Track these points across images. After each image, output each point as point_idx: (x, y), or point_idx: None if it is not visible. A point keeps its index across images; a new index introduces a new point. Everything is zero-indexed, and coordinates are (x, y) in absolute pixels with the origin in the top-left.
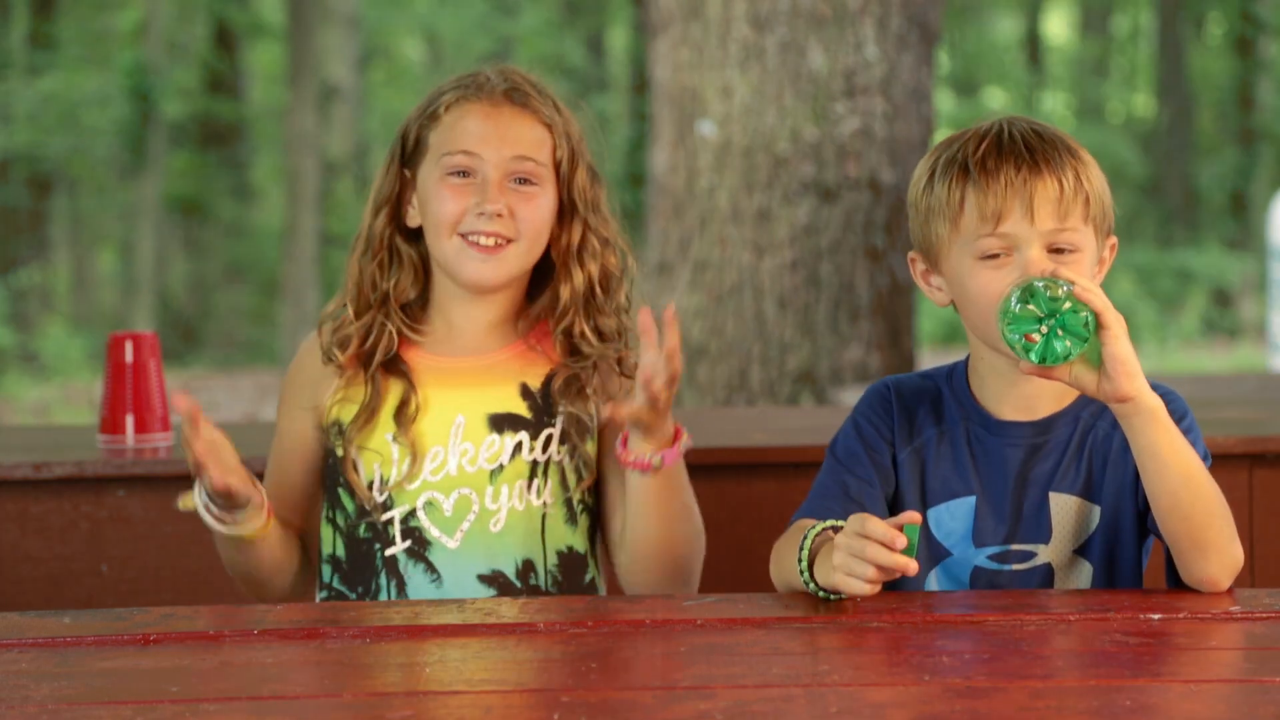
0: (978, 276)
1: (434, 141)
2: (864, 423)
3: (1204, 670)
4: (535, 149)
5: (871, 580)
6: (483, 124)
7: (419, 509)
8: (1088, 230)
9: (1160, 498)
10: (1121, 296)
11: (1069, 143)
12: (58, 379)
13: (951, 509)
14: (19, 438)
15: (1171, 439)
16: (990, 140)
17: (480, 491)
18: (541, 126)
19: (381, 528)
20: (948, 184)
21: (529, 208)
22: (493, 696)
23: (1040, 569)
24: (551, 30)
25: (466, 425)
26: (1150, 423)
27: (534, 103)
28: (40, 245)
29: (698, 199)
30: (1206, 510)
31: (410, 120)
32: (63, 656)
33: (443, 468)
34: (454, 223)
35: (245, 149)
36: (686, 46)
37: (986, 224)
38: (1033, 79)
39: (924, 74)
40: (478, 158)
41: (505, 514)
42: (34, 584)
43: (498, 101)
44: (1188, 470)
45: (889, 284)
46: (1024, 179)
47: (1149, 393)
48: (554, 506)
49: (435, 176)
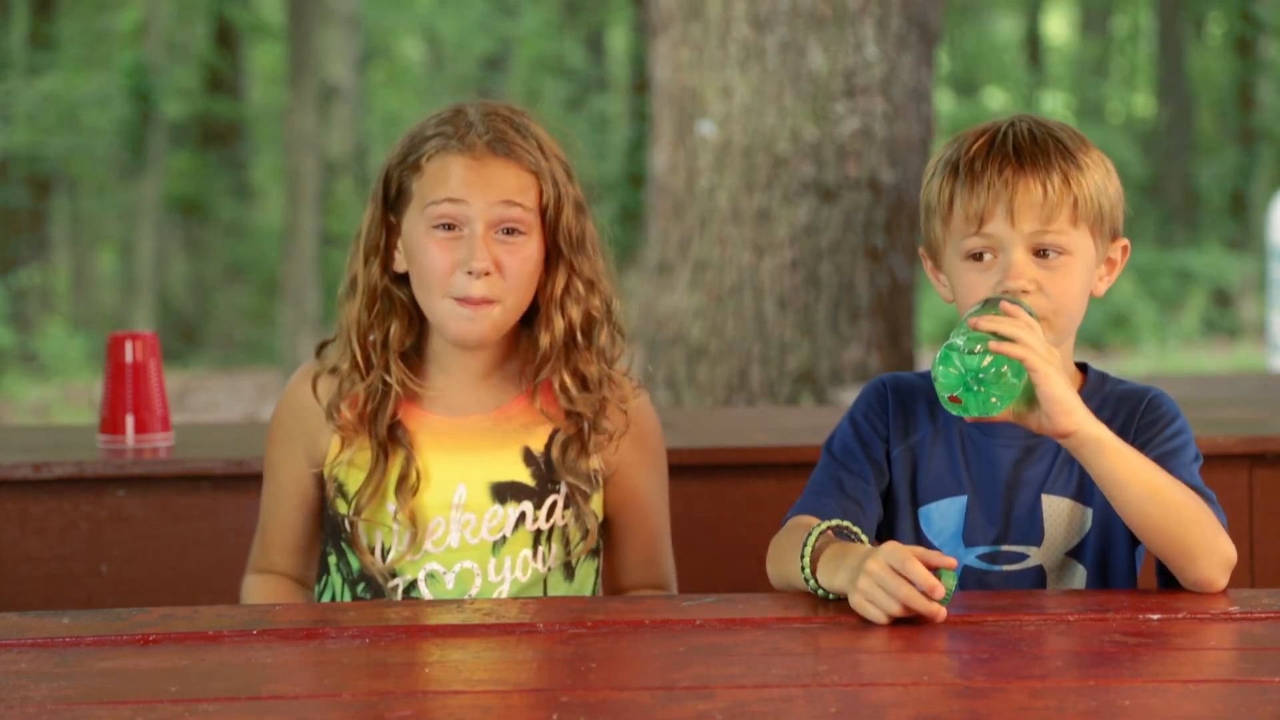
0: (964, 276)
1: (417, 190)
2: (860, 419)
3: (1202, 670)
4: (520, 196)
5: (893, 615)
6: (466, 173)
7: (420, 580)
8: (1078, 233)
9: (1132, 518)
10: (1121, 297)
11: (1067, 144)
12: (58, 379)
13: (942, 508)
14: (19, 438)
15: (1125, 462)
16: (983, 141)
17: (483, 564)
18: (526, 174)
19: (385, 592)
20: (940, 183)
21: (516, 260)
22: (493, 696)
23: (1031, 571)
24: (551, 30)
25: (468, 495)
26: (1098, 452)
27: (518, 150)
28: (40, 245)
29: (698, 199)
30: (1180, 520)
31: (391, 165)
32: (62, 656)
33: (444, 539)
34: (443, 283)
35: (245, 149)
36: (686, 46)
37: (971, 224)
38: (1033, 79)
39: (924, 74)
40: (464, 205)
41: (508, 585)
42: (34, 584)
43: (480, 154)
44: (1150, 487)
45: (889, 284)
46: (1006, 181)
47: (1091, 424)
48: (555, 570)
49: (421, 229)
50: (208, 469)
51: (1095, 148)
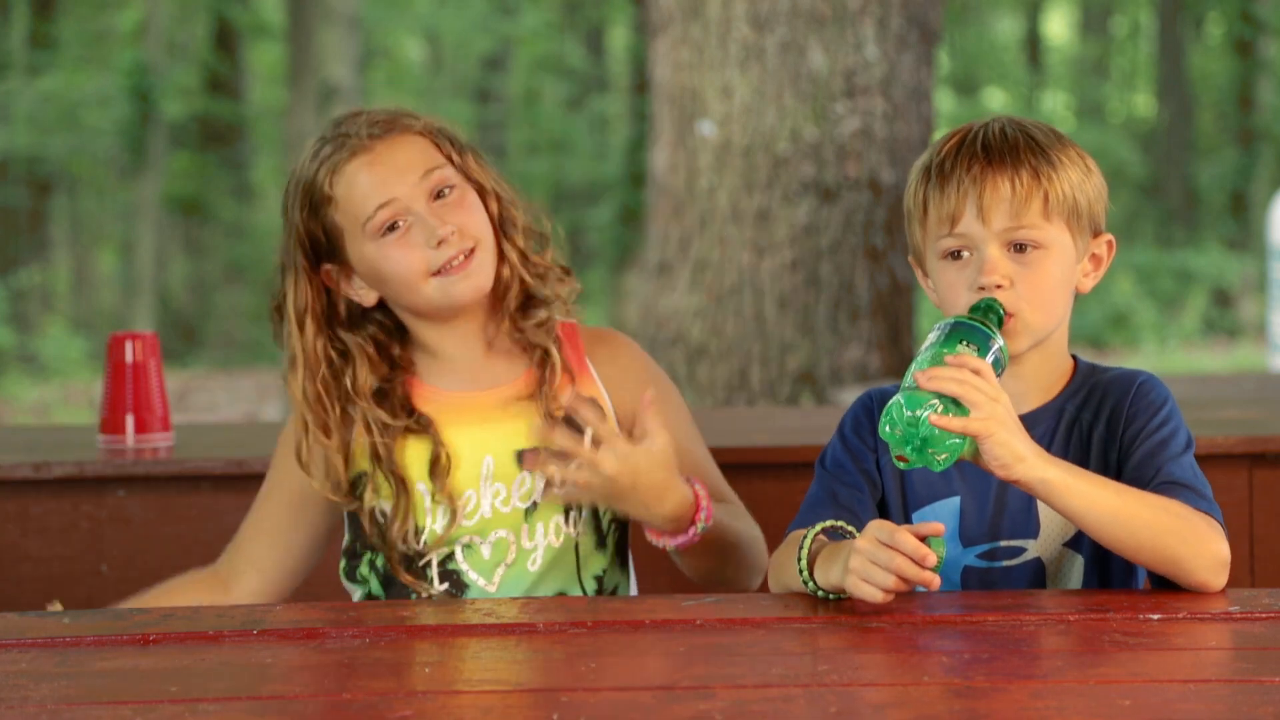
0: (944, 275)
1: (342, 220)
2: (849, 434)
3: (1202, 670)
4: (430, 159)
5: (889, 590)
6: (374, 171)
7: (458, 552)
8: (1053, 227)
9: (1108, 543)
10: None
11: (1040, 140)
12: (58, 379)
13: (936, 511)
14: (19, 438)
15: (1079, 495)
16: (954, 142)
17: (516, 531)
18: (418, 137)
19: (419, 571)
20: (915, 186)
21: (464, 211)
22: (493, 696)
23: (1030, 564)
24: (551, 30)
25: (496, 465)
26: (1050, 493)
27: (398, 123)
28: (40, 245)
29: (698, 199)
30: (1152, 535)
31: (298, 223)
32: (63, 656)
33: (476, 510)
34: (422, 267)
35: (245, 149)
36: (686, 46)
37: (944, 225)
38: (1033, 79)
39: (924, 74)
40: (394, 202)
41: (542, 552)
42: (34, 584)
43: (370, 145)
44: (1111, 512)
45: (889, 284)
46: (974, 179)
47: (1037, 467)
48: (585, 533)
49: (372, 246)
50: (208, 469)
51: (1075, 145)
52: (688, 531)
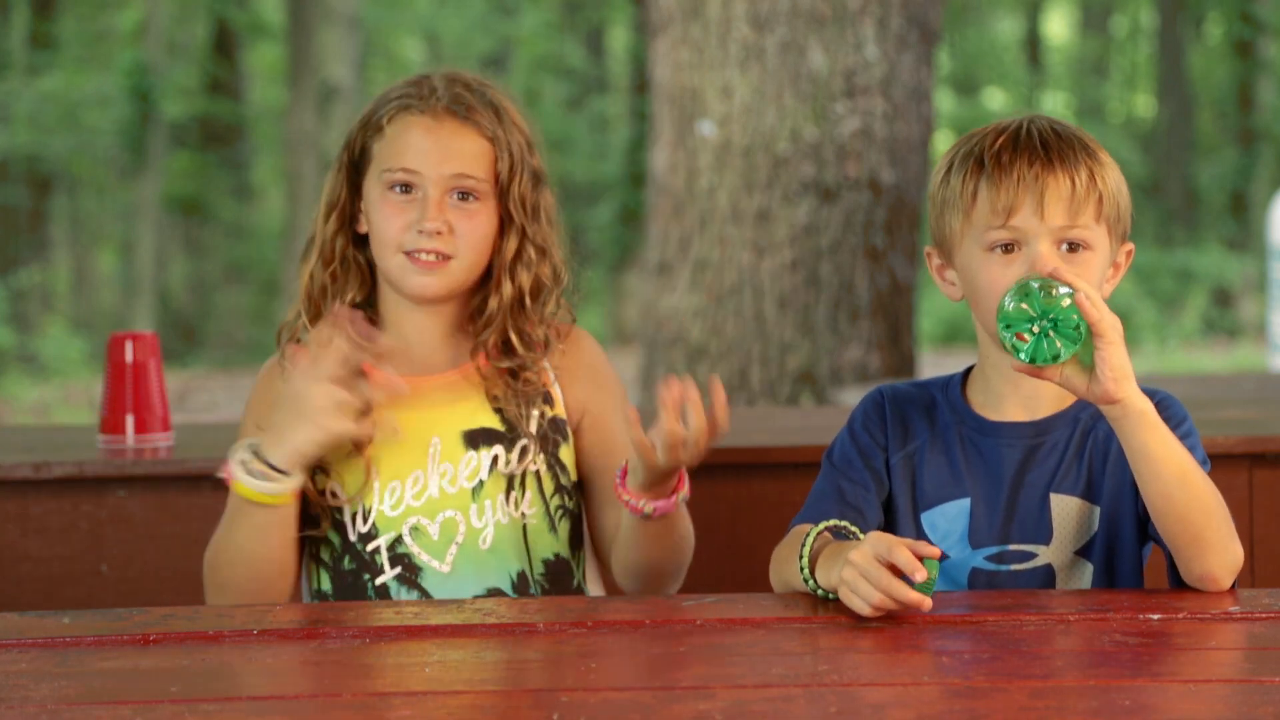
0: (987, 268)
1: (377, 152)
2: (859, 429)
3: (1203, 670)
4: (475, 164)
5: (876, 606)
6: (423, 139)
7: (405, 534)
8: (1100, 230)
9: (1155, 499)
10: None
11: (1088, 143)
12: (58, 379)
13: (945, 511)
14: (19, 438)
15: (1163, 439)
16: (1008, 136)
17: (464, 511)
18: (483, 140)
19: (368, 557)
20: (963, 176)
21: (469, 224)
22: (493, 696)
23: (1041, 570)
24: (551, 30)
25: (443, 446)
26: (1140, 425)
27: (476, 115)
28: (40, 245)
29: (698, 199)
30: (1203, 510)
31: (355, 127)
32: (63, 656)
33: (424, 491)
34: (397, 240)
35: (245, 149)
36: (686, 46)
37: (997, 217)
38: (1033, 79)
39: (924, 74)
40: (418, 174)
41: (492, 530)
42: (34, 584)
43: (439, 115)
44: (1181, 470)
45: (889, 284)
46: (1036, 174)
47: (1138, 396)
48: (535, 517)
49: (378, 191)
50: (208, 469)
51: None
52: (670, 498)
